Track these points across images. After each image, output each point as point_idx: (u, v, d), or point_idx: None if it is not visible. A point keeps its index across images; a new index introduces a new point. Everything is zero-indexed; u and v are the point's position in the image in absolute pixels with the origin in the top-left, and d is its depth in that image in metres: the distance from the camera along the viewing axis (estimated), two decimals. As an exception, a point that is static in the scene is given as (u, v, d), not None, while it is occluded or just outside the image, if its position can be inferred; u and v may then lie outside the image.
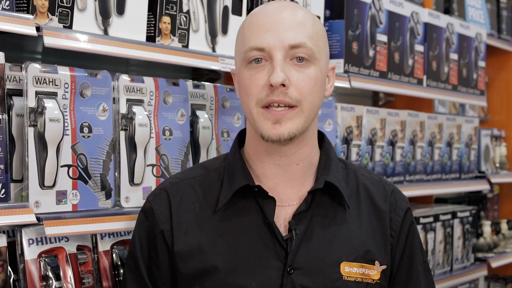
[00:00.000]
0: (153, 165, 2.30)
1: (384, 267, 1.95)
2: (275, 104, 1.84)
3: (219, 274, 1.84)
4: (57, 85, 2.06)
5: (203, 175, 1.99)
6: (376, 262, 1.94)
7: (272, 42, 1.84)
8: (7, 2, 1.94)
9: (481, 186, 4.21)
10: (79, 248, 2.14)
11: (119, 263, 2.22)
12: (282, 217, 1.91)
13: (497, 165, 4.65)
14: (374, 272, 1.93)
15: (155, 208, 1.94)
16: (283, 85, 1.82)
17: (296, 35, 1.85)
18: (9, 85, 2.01)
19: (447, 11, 4.27)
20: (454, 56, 3.97)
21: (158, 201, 1.95)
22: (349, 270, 1.90)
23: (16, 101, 2.01)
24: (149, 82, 2.31)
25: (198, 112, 2.46)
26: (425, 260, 2.07)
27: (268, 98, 1.83)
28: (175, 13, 2.41)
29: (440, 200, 4.27)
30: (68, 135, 2.07)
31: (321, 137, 2.02)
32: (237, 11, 2.64)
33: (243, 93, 1.89)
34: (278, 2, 1.93)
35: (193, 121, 2.45)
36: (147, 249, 1.94)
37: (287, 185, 1.94)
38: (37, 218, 1.96)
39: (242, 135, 2.02)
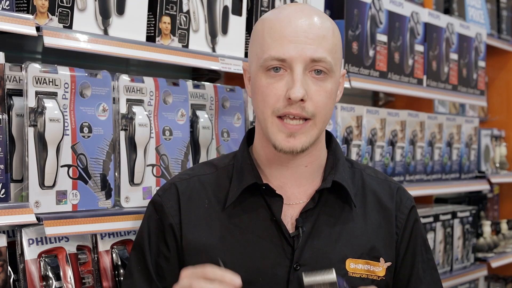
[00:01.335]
0: (153, 165, 2.30)
1: (389, 264, 1.97)
2: (290, 116, 1.85)
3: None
4: (57, 85, 2.06)
5: (212, 173, 2.01)
6: (381, 259, 1.96)
7: (294, 54, 1.84)
8: (7, 2, 1.94)
9: (481, 186, 4.21)
10: (79, 248, 2.14)
11: (119, 263, 2.22)
12: (289, 215, 1.93)
13: (497, 165, 4.65)
14: (379, 269, 1.95)
15: (165, 202, 1.97)
16: (302, 99, 1.84)
17: (317, 49, 1.85)
18: (9, 85, 2.01)
19: (447, 11, 4.27)
20: (454, 56, 3.97)
21: (168, 195, 1.98)
22: (355, 266, 1.92)
23: (16, 101, 2.01)
24: (149, 82, 2.30)
25: (198, 112, 2.46)
26: (430, 257, 2.08)
27: (285, 110, 1.85)
28: (175, 13, 2.41)
29: (440, 200, 4.27)
30: (68, 135, 2.07)
31: (329, 137, 2.04)
32: (237, 11, 2.64)
33: (259, 99, 1.90)
34: (298, 6, 1.92)
35: (193, 121, 2.45)
36: (156, 242, 1.96)
37: (295, 184, 1.96)
38: (37, 218, 1.96)
39: (250, 133, 2.04)
